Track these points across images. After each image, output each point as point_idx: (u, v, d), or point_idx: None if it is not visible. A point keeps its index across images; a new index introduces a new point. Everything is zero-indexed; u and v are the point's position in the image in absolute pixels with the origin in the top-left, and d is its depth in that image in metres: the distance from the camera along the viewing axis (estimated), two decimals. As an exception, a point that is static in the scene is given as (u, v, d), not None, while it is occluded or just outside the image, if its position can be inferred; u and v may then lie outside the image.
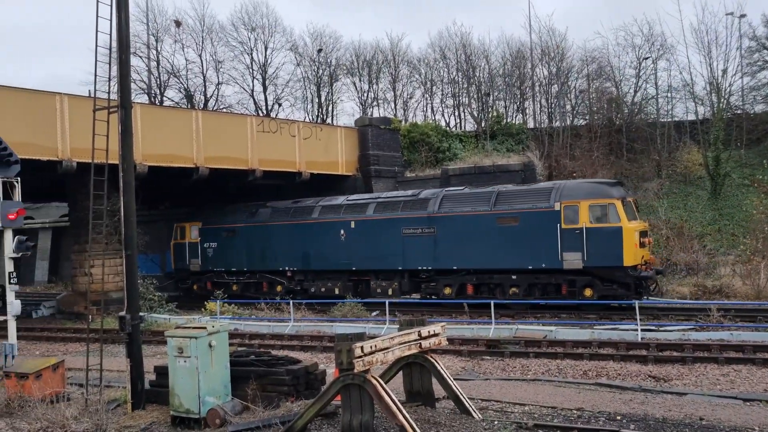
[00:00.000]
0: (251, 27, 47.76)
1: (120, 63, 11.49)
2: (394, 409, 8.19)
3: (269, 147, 30.47)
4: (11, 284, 16.85)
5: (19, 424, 10.37)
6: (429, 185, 34.08)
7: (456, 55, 45.85)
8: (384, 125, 36.16)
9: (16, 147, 17.66)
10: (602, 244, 21.14)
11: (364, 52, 48.09)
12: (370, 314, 23.63)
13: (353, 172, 34.52)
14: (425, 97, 47.77)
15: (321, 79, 48.27)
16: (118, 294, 21.73)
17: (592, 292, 21.81)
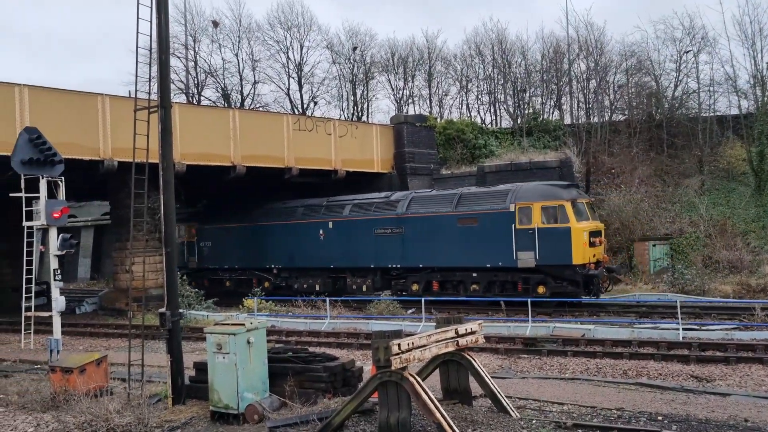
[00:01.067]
0: (287, 26, 48.15)
1: (160, 64, 11.66)
2: (432, 406, 8.18)
3: (305, 145, 30.66)
4: (56, 281, 17.32)
5: (65, 417, 10.62)
6: (465, 182, 33.94)
7: (492, 51, 45.56)
8: (419, 122, 36.08)
9: (60, 147, 18.13)
10: (553, 243, 22.18)
11: (399, 50, 48.11)
12: (406, 312, 23.63)
13: (389, 170, 34.55)
14: (461, 94, 47.60)
15: (356, 77, 48.41)
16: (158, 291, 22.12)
17: (545, 289, 22.79)
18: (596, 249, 22.56)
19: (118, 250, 28.01)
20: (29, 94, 22.69)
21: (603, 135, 38.67)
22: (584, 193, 25.37)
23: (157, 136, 11.67)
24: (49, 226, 17.37)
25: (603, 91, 42.26)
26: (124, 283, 27.04)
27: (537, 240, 22.47)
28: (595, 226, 23.16)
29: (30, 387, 13.05)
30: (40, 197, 17.33)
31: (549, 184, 24.53)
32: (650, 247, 30.17)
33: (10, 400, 12.47)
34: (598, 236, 22.97)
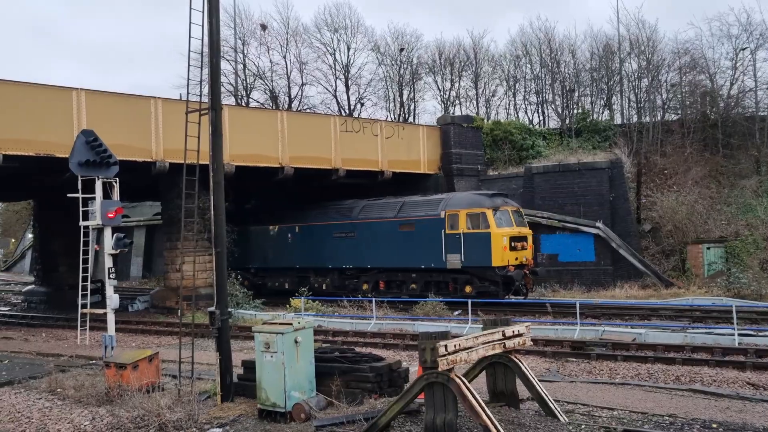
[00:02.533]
0: (334, 28, 48.49)
1: (211, 67, 11.88)
2: (478, 408, 8.12)
3: (352, 146, 30.83)
4: (110, 279, 17.76)
5: (119, 411, 10.90)
6: (512, 183, 33.69)
7: (540, 50, 45.03)
8: (466, 123, 35.91)
9: (114, 149, 18.61)
10: (475, 247, 24.47)
11: (446, 51, 47.95)
12: (452, 313, 23.54)
13: (435, 171, 34.48)
14: (508, 95, 47.19)
15: (403, 78, 48.45)
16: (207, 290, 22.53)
17: (471, 288, 24.97)
18: (519, 253, 24.70)
19: (169, 249, 28.61)
20: (86, 97, 23.39)
21: (655, 135, 37.82)
22: (512, 202, 27.07)
23: (208, 138, 11.88)
24: (104, 226, 17.83)
25: (655, 90, 41.34)
26: (175, 282, 27.62)
27: (463, 244, 24.73)
28: (518, 232, 25.11)
29: (86, 381, 13.42)
30: (95, 198, 17.80)
31: (476, 193, 26.94)
32: (704, 250, 29.40)
33: (67, 394, 12.86)
34: (522, 241, 25.05)
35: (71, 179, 18.97)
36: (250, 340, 18.02)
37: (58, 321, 27.01)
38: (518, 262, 24.50)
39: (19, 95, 22.33)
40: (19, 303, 37.64)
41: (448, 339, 8.49)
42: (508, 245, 24.27)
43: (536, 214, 31.65)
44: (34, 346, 20.86)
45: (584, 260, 30.67)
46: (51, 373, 14.80)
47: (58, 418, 11.33)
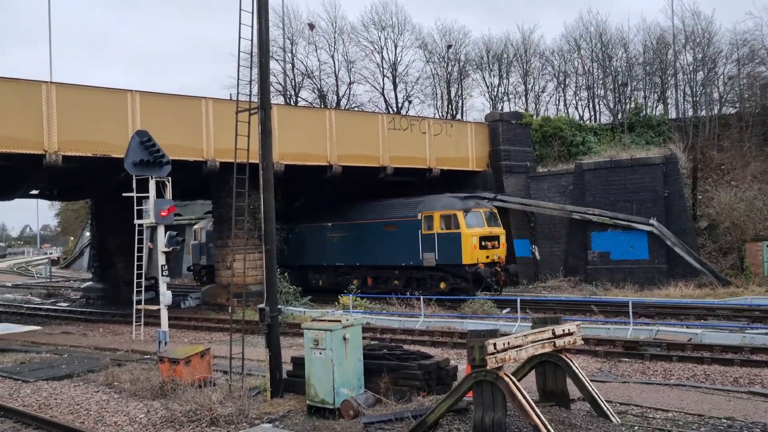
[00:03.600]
0: (381, 26, 48.52)
1: (260, 67, 12.03)
2: (528, 408, 8.02)
3: (400, 144, 30.83)
4: (163, 276, 18.18)
5: (172, 405, 11.14)
6: (562, 180, 33.20)
7: (591, 44, 44.21)
8: (515, 120, 35.53)
9: (167, 149, 19.02)
10: (448, 246, 26.38)
11: (494, 47, 47.50)
12: (501, 311, 23.33)
13: (484, 168, 34.23)
14: (558, 90, 46.47)
15: (450, 76, 48.18)
16: (257, 287, 22.85)
17: (445, 285, 26.78)
18: (489, 251, 26.57)
19: (220, 247, 29.10)
20: (140, 99, 23.98)
21: (711, 129, 36.71)
22: (485, 204, 28.75)
23: (258, 137, 12.03)
24: (157, 224, 18.24)
25: (711, 83, 40.13)
26: (225, 279, 28.08)
27: (437, 243, 26.77)
28: (489, 232, 26.93)
29: (141, 376, 13.77)
30: (149, 197, 18.23)
31: (450, 196, 28.31)
32: (764, 247, 28.42)
33: (123, 388, 13.22)
34: (493, 240, 26.94)
35: (126, 179, 19.47)
36: (299, 337, 18.19)
37: (114, 316, 27.76)
38: (489, 260, 26.38)
39: (78, 98, 23.04)
40: (77, 299, 38.85)
41: (497, 337, 8.41)
42: (477, 244, 26.19)
43: (587, 212, 31.11)
44: (92, 340, 21.50)
45: (637, 258, 30.00)
46: (108, 367, 15.24)
47: (115, 411, 11.65)
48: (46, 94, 22.20)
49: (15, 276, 72.29)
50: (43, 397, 13.13)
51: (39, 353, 18.61)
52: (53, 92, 22.36)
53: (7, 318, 29.67)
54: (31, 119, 21.91)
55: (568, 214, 31.87)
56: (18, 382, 14.77)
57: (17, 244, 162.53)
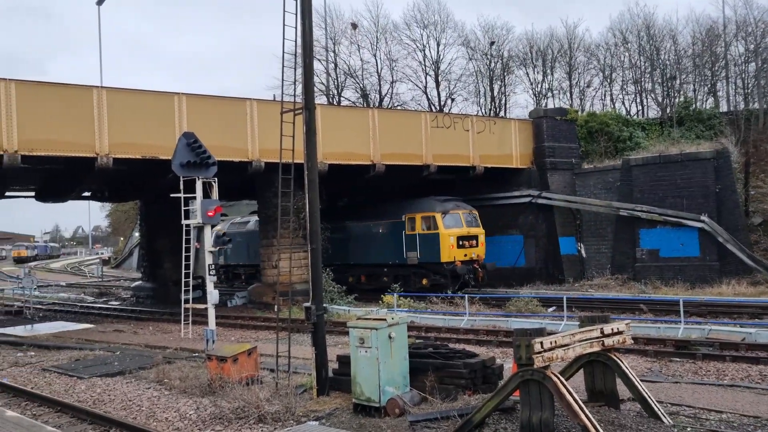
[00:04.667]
0: (423, 24, 48.40)
1: (304, 67, 12.12)
2: (576, 407, 7.91)
3: (443, 142, 30.74)
4: (210, 275, 18.48)
5: (220, 402, 11.33)
6: (609, 176, 32.64)
7: (638, 37, 43.32)
8: (559, 116, 35.06)
9: (213, 150, 19.33)
10: (428, 245, 28.52)
11: (538, 42, 46.94)
12: (547, 310, 23.06)
13: (528, 165, 33.88)
14: (604, 85, 45.69)
15: (493, 73, 47.80)
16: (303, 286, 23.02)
17: (426, 281, 28.81)
18: (467, 250, 28.45)
19: (265, 246, 29.44)
20: (186, 101, 24.43)
21: (766, 122, 35.59)
22: (465, 206, 30.32)
23: (302, 137, 12.13)
24: (204, 224, 18.56)
25: (765, 75, 38.89)
26: (271, 278, 28.40)
27: (418, 243, 28.89)
28: (467, 232, 28.87)
29: (189, 373, 14.03)
30: (196, 197, 18.55)
31: (431, 199, 29.98)
32: (821, 244, 27.43)
33: (173, 384, 13.49)
34: (471, 240, 28.78)
35: (174, 180, 19.85)
36: (344, 336, 18.29)
37: (163, 315, 28.33)
38: (467, 258, 28.31)
39: (127, 102, 23.60)
40: (128, 298, 39.78)
41: (543, 336, 8.32)
42: (455, 243, 28.13)
43: (635, 208, 30.50)
44: (142, 338, 21.99)
45: (688, 255, 29.29)
46: (158, 364, 15.58)
47: (166, 407, 11.90)
48: (97, 98, 22.79)
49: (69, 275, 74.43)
50: (97, 393, 13.49)
51: (93, 350, 19.12)
52: (104, 96, 22.94)
53: (62, 316, 30.58)
54: (83, 123, 22.53)
55: (615, 211, 31.31)
56: (73, 378, 15.21)
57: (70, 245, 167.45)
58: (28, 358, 18.70)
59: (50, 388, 14.44)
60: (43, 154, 22.18)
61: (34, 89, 22.21)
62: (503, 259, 33.48)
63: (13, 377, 15.86)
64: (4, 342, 22.28)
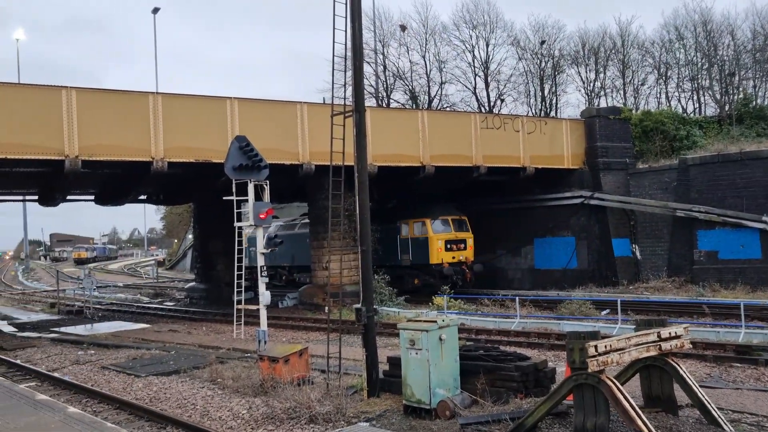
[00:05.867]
0: (472, 24, 48.11)
1: (354, 70, 12.18)
2: (632, 413, 7.72)
3: (493, 143, 30.50)
4: (262, 277, 18.69)
5: (272, 402, 11.47)
6: (664, 176, 31.85)
7: (694, 33, 42.15)
8: (613, 115, 34.37)
9: (264, 153, 19.57)
10: (419, 248, 30.77)
11: (590, 40, 46.13)
12: (600, 313, 22.62)
13: (580, 166, 33.31)
14: (659, 83, 44.60)
15: (544, 72, 47.19)
16: (353, 287, 23.14)
17: (418, 281, 30.85)
18: (455, 252, 30.53)
19: (316, 248, 29.69)
20: (238, 105, 24.84)
21: (830, 119, 34.21)
22: (455, 212, 32.10)
23: (352, 140, 12.18)
24: (256, 227, 18.80)
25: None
26: (322, 280, 28.62)
27: (410, 246, 31.05)
28: (455, 236, 30.88)
29: (242, 373, 14.25)
30: (248, 200, 18.81)
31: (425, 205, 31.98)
32: None
33: (225, 384, 13.73)
34: (460, 243, 30.81)
35: (226, 183, 20.18)
36: (394, 337, 18.30)
37: (216, 316, 28.86)
38: (456, 260, 30.40)
39: (181, 107, 24.15)
40: (182, 299, 40.67)
41: (597, 339, 8.15)
42: (443, 247, 30.24)
43: (692, 209, 29.65)
44: (196, 338, 22.44)
45: (748, 257, 28.30)
46: (211, 364, 15.86)
47: (219, 406, 12.11)
48: (152, 104, 23.38)
49: (125, 276, 76.53)
50: (154, 392, 13.82)
51: (149, 350, 19.61)
52: (159, 102, 23.51)
53: (120, 316, 31.46)
54: (140, 128, 23.14)
55: (671, 212, 30.50)
56: (131, 376, 15.63)
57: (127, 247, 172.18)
58: (89, 356, 19.30)
59: (109, 385, 14.87)
60: (102, 159, 22.85)
61: (94, 96, 22.91)
62: (554, 261, 33.00)
63: (75, 375, 16.40)
64: (66, 341, 23.06)
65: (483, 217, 35.72)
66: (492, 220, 35.30)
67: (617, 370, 9.45)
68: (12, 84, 22.89)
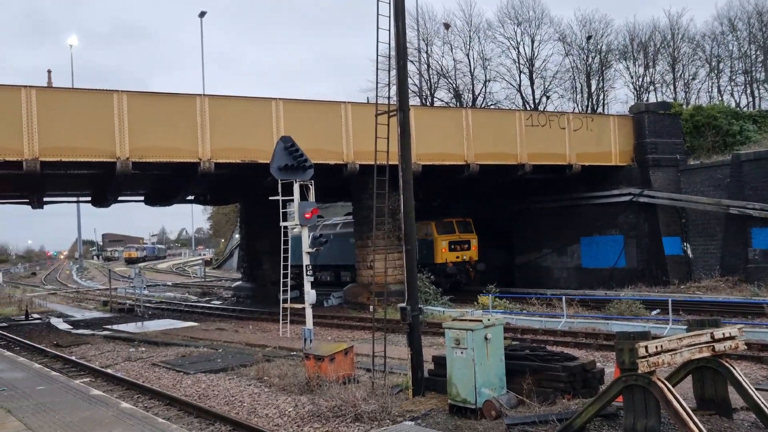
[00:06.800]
0: (517, 21, 47.64)
1: (398, 69, 12.17)
2: (685, 416, 7.53)
3: (538, 141, 30.14)
4: (308, 276, 18.85)
5: (318, 400, 11.54)
6: (717, 173, 31.01)
7: (748, 25, 40.95)
8: (662, 110, 33.61)
9: (309, 153, 19.75)
10: (426, 249, 32.11)
11: (639, 34, 45.20)
12: (650, 313, 22.14)
13: (628, 162, 32.66)
14: (710, 77, 43.48)
15: (591, 68, 46.44)
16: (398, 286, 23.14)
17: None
18: (459, 252, 32.37)
19: (360, 247, 29.79)
20: (283, 106, 25.09)
21: None
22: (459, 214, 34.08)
23: (396, 139, 12.18)
24: (301, 226, 18.97)
25: None
26: (366, 279, 28.71)
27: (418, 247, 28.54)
28: (459, 237, 32.68)
29: (288, 371, 14.38)
30: (293, 200, 19.00)
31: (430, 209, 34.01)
32: None
33: (272, 382, 13.87)
34: (464, 244, 32.67)
35: (272, 183, 20.42)
36: (439, 336, 18.26)
37: (262, 314, 29.21)
38: (459, 260, 32.24)
39: (227, 108, 24.53)
40: (228, 297, 41.29)
41: (648, 340, 7.97)
42: (447, 247, 32.13)
43: (746, 206, 28.77)
44: (243, 336, 22.74)
45: (806, 256, 27.37)
46: (258, 362, 16.07)
47: (266, 404, 12.25)
48: (200, 106, 23.80)
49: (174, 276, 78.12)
50: (202, 389, 14.06)
51: (197, 348, 19.96)
52: (206, 104, 23.92)
53: (169, 314, 32.13)
54: (187, 130, 23.58)
55: (724, 209, 29.66)
56: (180, 373, 15.93)
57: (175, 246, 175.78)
58: (139, 353, 19.76)
59: (159, 382, 15.19)
60: (151, 161, 23.37)
61: (143, 99, 23.45)
62: (602, 260, 32.45)
63: (127, 371, 16.80)
64: (118, 338, 23.67)
65: (528, 215, 35.38)
66: (537, 218, 34.93)
67: (668, 372, 9.24)
68: (67, 89, 23.60)
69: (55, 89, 23.18)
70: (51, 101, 21.96)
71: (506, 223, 36.86)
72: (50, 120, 21.64)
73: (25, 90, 21.43)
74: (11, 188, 30.09)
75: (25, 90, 21.42)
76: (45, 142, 21.51)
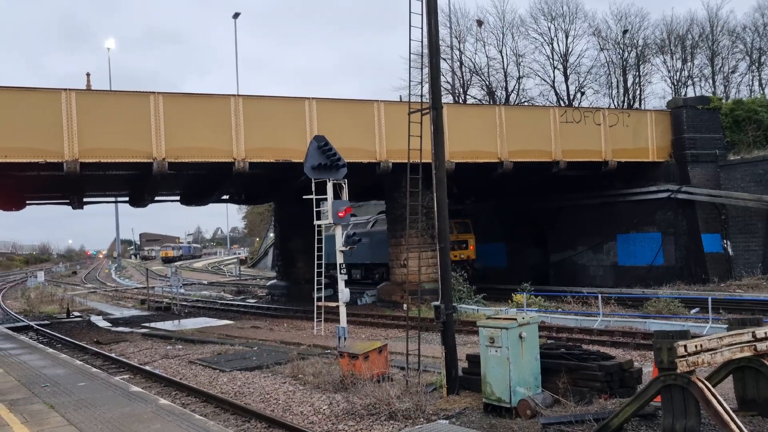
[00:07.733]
0: (551, 16, 47.16)
1: (431, 67, 12.15)
2: (726, 417, 7.37)
3: (573, 137, 29.78)
4: (341, 274, 18.90)
5: (352, 398, 11.59)
6: (758, 168, 30.31)
7: (789, 16, 39.87)
8: (701, 105, 32.92)
9: (342, 152, 19.79)
10: None
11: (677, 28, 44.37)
12: (689, 311, 21.73)
13: (665, 159, 32.08)
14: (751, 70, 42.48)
15: (627, 62, 45.74)
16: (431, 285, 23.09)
17: None
18: (457, 252, 32.65)
19: (394, 246, 29.80)
20: (316, 105, 25.21)
21: None
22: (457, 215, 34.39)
23: (429, 137, 12.16)
24: (335, 225, 19.03)
25: None
26: (400, 277, 28.71)
27: None
28: (457, 237, 32.87)
29: (322, 369, 14.46)
30: (327, 198, 19.07)
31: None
32: None
33: (306, 380, 13.96)
34: (461, 244, 33.68)
35: (306, 182, 20.52)
36: (473, 335, 18.17)
37: (296, 312, 29.42)
38: (458, 259, 32.34)
39: (260, 108, 24.73)
40: (263, 296, 41.69)
41: (687, 339, 7.83)
42: None
43: (789, 202, 28.07)
44: (278, 335, 22.93)
45: None
46: (293, 360, 16.19)
47: (301, 401, 12.34)
48: (234, 106, 24.04)
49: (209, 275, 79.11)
50: (238, 386, 14.23)
51: (232, 345, 20.20)
52: (240, 104, 24.15)
53: (204, 313, 32.56)
54: (222, 130, 23.84)
55: (766, 205, 28.97)
56: (216, 371, 16.14)
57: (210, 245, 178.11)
58: (176, 350, 20.06)
59: (196, 379, 15.41)
60: (187, 161, 23.68)
61: (178, 100, 23.77)
62: (639, 257, 31.93)
63: (164, 368, 17.08)
64: (155, 335, 24.08)
65: (562, 213, 34.98)
66: (572, 215, 34.51)
67: (708, 371, 9.07)
68: (105, 91, 24.07)
69: (94, 92, 23.61)
70: (90, 104, 22.38)
71: (540, 220, 36.49)
72: (89, 122, 22.07)
73: (66, 93, 21.89)
74: (53, 189, 30.79)
75: (65, 93, 21.88)
76: (84, 144, 21.94)
